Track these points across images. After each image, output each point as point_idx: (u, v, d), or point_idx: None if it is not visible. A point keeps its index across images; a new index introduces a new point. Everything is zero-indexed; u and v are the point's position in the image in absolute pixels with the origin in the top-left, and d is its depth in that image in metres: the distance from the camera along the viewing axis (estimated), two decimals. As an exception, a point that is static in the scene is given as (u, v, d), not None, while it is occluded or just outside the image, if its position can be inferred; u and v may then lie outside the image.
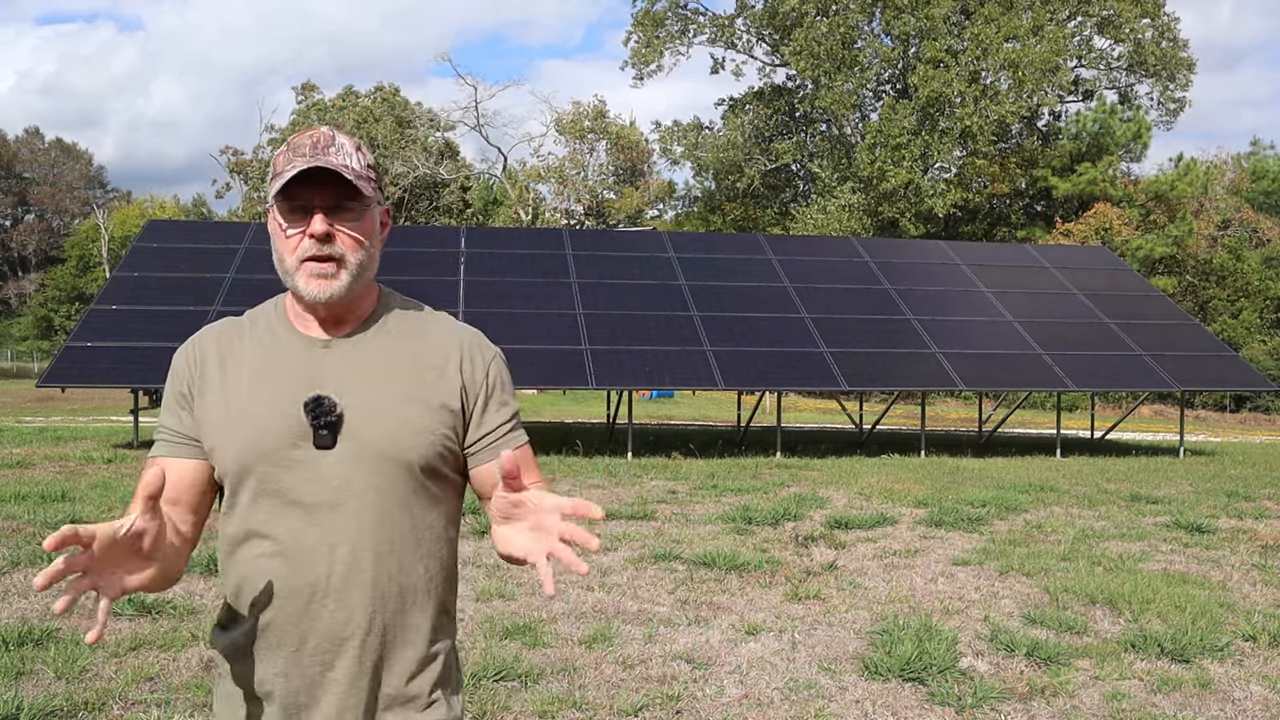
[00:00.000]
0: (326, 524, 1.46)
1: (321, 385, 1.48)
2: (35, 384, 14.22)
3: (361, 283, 1.51)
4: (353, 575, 1.46)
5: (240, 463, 1.47)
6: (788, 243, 18.05)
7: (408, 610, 1.51)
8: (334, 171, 1.45)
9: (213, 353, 1.54)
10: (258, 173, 45.06)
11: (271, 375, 1.50)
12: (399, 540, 1.49)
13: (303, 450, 1.46)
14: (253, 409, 1.48)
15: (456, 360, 1.56)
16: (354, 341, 1.53)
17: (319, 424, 1.46)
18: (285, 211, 1.48)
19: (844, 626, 5.04)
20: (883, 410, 18.08)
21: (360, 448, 1.47)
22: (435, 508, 1.54)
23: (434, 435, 1.51)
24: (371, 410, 1.49)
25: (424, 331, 1.58)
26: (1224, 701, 4.10)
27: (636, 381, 12.95)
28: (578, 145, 46.77)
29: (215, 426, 1.49)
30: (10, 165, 57.60)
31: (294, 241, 1.48)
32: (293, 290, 1.52)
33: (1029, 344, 14.91)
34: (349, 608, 1.46)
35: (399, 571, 1.49)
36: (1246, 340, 31.88)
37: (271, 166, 1.50)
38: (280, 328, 1.55)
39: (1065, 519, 8.55)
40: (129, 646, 4.37)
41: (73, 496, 8.37)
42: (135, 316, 13.38)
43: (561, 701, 3.87)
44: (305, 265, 1.47)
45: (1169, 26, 37.13)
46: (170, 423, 1.53)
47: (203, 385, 1.52)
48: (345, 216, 1.48)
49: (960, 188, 35.81)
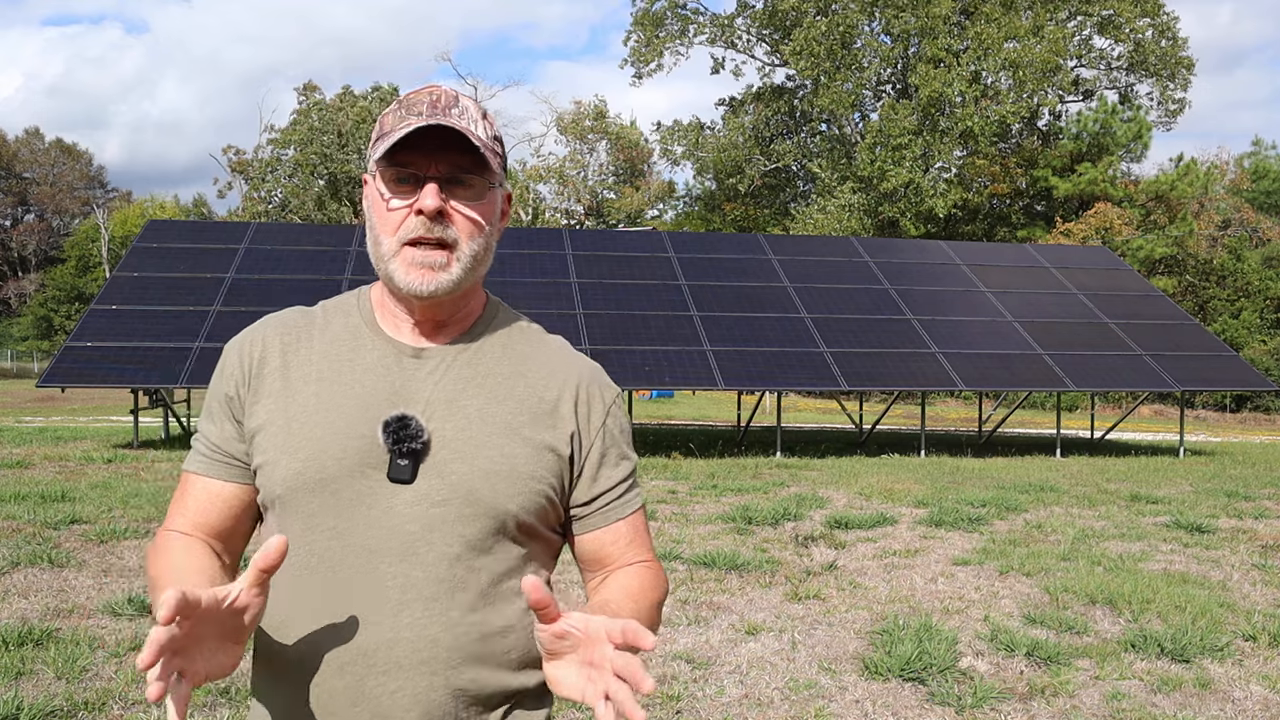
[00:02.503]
0: (390, 579, 1.16)
1: (407, 403, 1.20)
2: (35, 384, 14.22)
3: (473, 278, 1.23)
4: (423, 647, 1.16)
5: (291, 487, 1.18)
6: (788, 243, 18.05)
7: (497, 687, 1.21)
8: (456, 135, 1.17)
9: (275, 349, 1.25)
10: (258, 173, 45.05)
11: (344, 384, 1.22)
12: (486, 607, 1.19)
13: (372, 481, 1.17)
14: (316, 423, 1.19)
15: (572, 397, 1.27)
16: (453, 353, 1.25)
17: (400, 449, 1.17)
18: (390, 180, 1.19)
19: (844, 626, 5.04)
20: (883, 410, 18.08)
21: (444, 487, 1.18)
22: (530, 568, 1.25)
23: (539, 483, 1.22)
24: (466, 441, 1.20)
25: (536, 353, 1.30)
26: (1224, 701, 4.09)
27: (636, 381, 12.95)
28: (578, 145, 46.80)
29: (269, 440, 1.21)
30: (10, 165, 57.59)
31: (397, 217, 1.18)
32: (386, 279, 1.22)
33: (1029, 344, 14.92)
34: (413, 688, 1.16)
35: (484, 646, 1.19)
36: (1247, 340, 31.88)
37: (378, 126, 1.22)
38: (363, 326, 1.27)
39: (1065, 519, 8.54)
40: (129, 646, 4.37)
41: (73, 496, 8.37)
42: (135, 316, 13.38)
43: (561, 701, 3.87)
44: (407, 250, 1.18)
45: (1169, 26, 37.12)
46: (209, 431, 1.26)
47: (258, 388, 1.23)
48: (464, 193, 1.20)
49: (960, 188, 35.81)
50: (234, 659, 1.05)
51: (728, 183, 41.41)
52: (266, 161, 44.74)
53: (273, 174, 44.49)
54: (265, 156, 44.98)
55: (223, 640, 1.03)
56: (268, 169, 44.60)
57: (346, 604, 1.16)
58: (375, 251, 1.21)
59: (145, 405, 14.70)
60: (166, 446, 13.15)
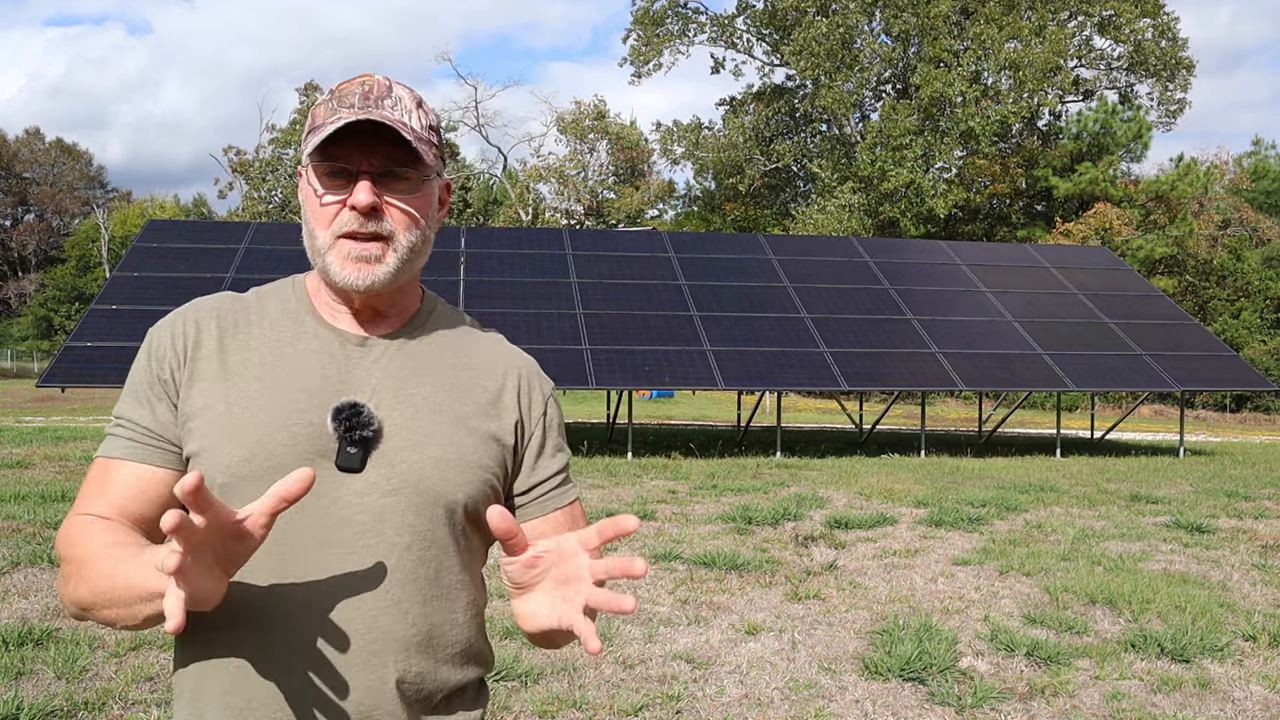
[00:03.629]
0: (340, 569, 1.14)
1: (353, 391, 1.18)
2: (35, 384, 14.22)
3: (411, 270, 1.21)
4: (374, 639, 1.14)
5: (236, 475, 1.13)
6: (788, 243, 18.05)
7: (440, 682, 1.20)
8: (388, 128, 1.15)
9: (211, 332, 1.20)
10: (258, 173, 45.05)
11: (289, 371, 1.19)
12: (434, 599, 1.18)
13: (320, 470, 1.14)
14: (260, 409, 1.16)
15: (514, 387, 1.27)
16: (397, 344, 1.23)
17: (351, 437, 1.15)
18: (323, 174, 1.17)
19: (844, 626, 5.04)
20: (883, 410, 18.08)
21: (394, 476, 1.16)
22: (474, 562, 1.25)
23: (486, 472, 1.21)
24: (414, 431, 1.18)
25: (477, 345, 1.30)
26: (1224, 701, 4.09)
27: (636, 381, 12.95)
28: (578, 145, 46.80)
29: (209, 425, 1.15)
30: (10, 165, 57.59)
31: (330, 212, 1.17)
32: (322, 272, 1.20)
33: (1029, 344, 14.92)
34: (362, 679, 1.14)
35: (430, 638, 1.18)
36: (1247, 340, 31.87)
37: (309, 118, 1.19)
38: (303, 313, 1.24)
39: (1065, 519, 8.54)
40: (129, 646, 4.37)
41: (73, 496, 8.36)
42: (135, 316, 13.38)
43: (561, 701, 3.87)
44: (342, 243, 1.16)
45: (1169, 26, 37.11)
46: (138, 416, 1.18)
47: (194, 371, 1.18)
48: (398, 186, 1.18)
49: (961, 188, 35.80)
50: (220, 588, 1.00)
51: (728, 183, 41.41)
52: (267, 161, 44.74)
53: (273, 174, 44.48)
54: (266, 156, 44.98)
55: (214, 564, 0.99)
56: (268, 169, 44.60)
57: (296, 592, 1.12)
58: (311, 245, 1.19)
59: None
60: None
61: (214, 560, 0.99)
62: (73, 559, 1.11)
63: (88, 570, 1.08)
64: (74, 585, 1.10)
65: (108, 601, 1.06)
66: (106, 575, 1.06)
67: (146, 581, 1.01)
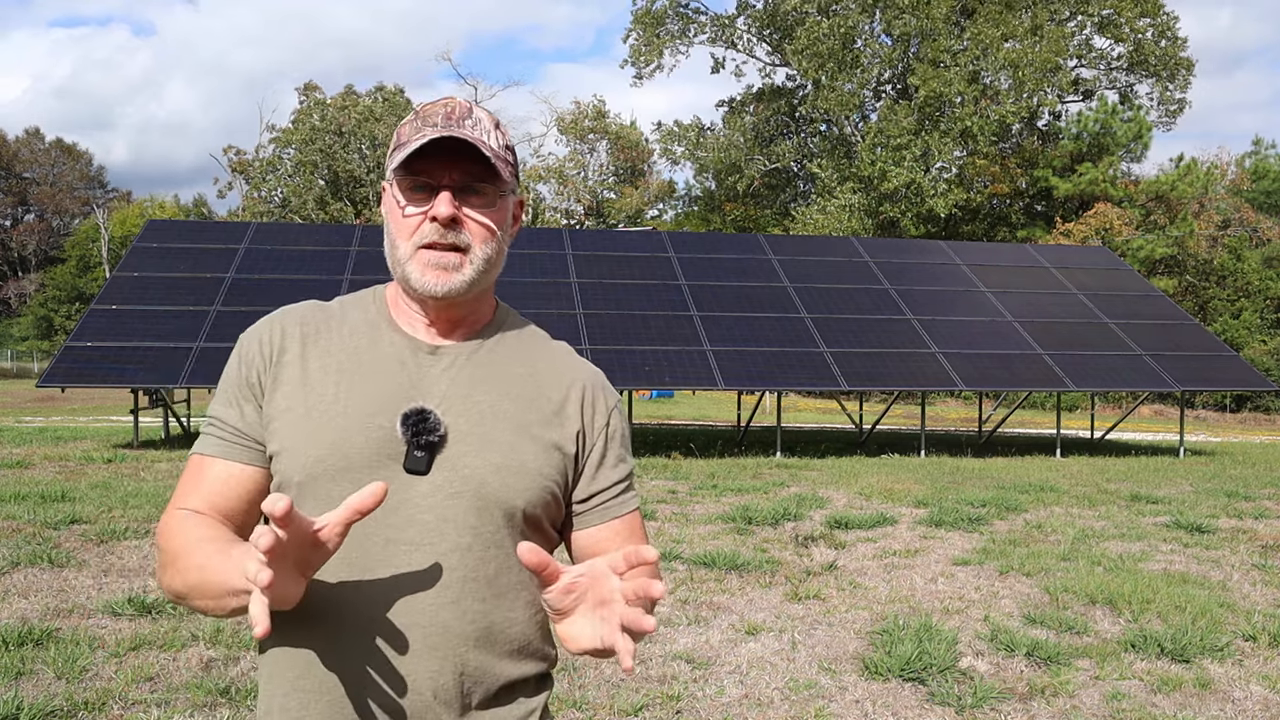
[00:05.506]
0: (404, 567, 1.21)
1: (423, 397, 1.26)
2: (35, 384, 14.22)
3: (486, 281, 1.29)
4: (434, 632, 1.21)
5: (312, 474, 1.22)
6: (788, 243, 18.05)
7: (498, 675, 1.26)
8: (469, 146, 1.23)
9: (295, 339, 1.29)
10: (258, 173, 45.04)
11: (364, 377, 1.27)
12: (492, 597, 1.24)
13: (389, 471, 1.22)
14: (337, 413, 1.24)
15: (578, 398, 1.33)
16: (467, 351, 1.31)
17: (418, 442, 1.22)
18: (406, 188, 1.25)
19: (844, 626, 5.04)
20: (883, 410, 18.08)
21: (457, 480, 1.23)
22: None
23: (546, 480, 1.28)
24: (479, 437, 1.25)
25: (544, 355, 1.36)
26: (1224, 701, 4.10)
27: (636, 381, 12.95)
28: (578, 145, 46.81)
29: (289, 427, 1.24)
30: (10, 165, 57.61)
31: (412, 224, 1.25)
32: (402, 281, 1.27)
33: (1029, 344, 14.92)
34: (425, 669, 1.21)
35: (488, 634, 1.24)
36: (1247, 340, 31.87)
37: (395, 136, 1.28)
38: (380, 321, 1.32)
39: (1065, 519, 8.54)
40: (129, 646, 4.37)
41: (73, 496, 8.37)
42: (135, 316, 13.38)
43: (562, 701, 3.87)
44: (422, 253, 1.24)
45: (1169, 26, 37.11)
46: (228, 416, 1.27)
47: (278, 375, 1.27)
48: (476, 200, 1.26)
49: (961, 188, 35.80)
50: (299, 590, 1.09)
51: (728, 183, 41.40)
52: (267, 161, 44.74)
53: (274, 173, 44.48)
54: (266, 156, 44.98)
55: (293, 570, 1.07)
56: (268, 168, 44.59)
57: (364, 587, 1.20)
58: (392, 255, 1.27)
59: (145, 405, 14.70)
60: (166, 447, 13.15)
61: (293, 566, 1.08)
62: (169, 551, 1.22)
63: (182, 563, 1.19)
64: (170, 575, 1.21)
65: (199, 593, 1.17)
66: (198, 569, 1.16)
67: (232, 578, 1.10)
